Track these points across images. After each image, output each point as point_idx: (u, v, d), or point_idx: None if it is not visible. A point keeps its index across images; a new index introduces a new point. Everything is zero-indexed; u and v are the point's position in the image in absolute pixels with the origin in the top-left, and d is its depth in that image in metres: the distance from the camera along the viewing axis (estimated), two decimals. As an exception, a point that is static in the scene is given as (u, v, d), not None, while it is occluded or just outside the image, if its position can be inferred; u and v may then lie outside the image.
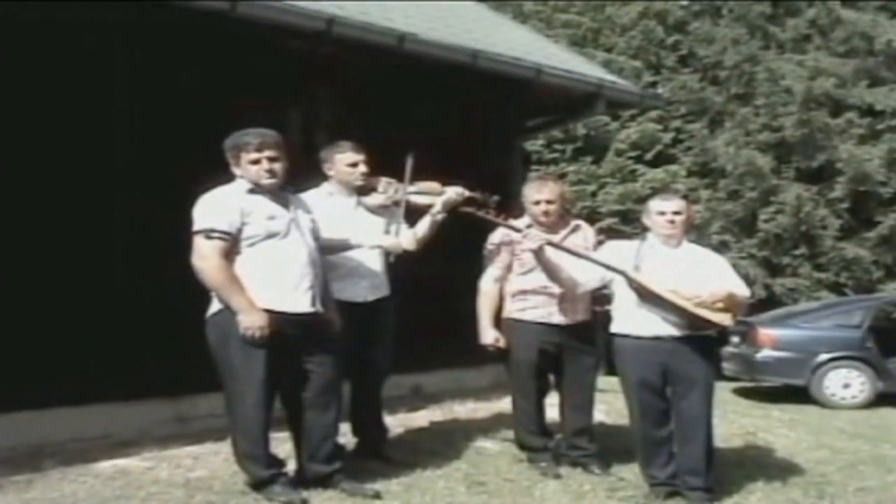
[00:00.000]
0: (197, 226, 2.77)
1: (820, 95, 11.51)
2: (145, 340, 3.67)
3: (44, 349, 3.43)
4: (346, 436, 3.31)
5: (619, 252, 3.22)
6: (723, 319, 3.06)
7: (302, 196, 3.06)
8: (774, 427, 4.98)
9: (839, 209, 11.41)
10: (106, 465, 3.18)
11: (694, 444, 3.09)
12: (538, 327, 3.38)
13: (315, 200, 3.15)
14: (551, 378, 3.56)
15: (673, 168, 11.67)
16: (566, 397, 3.49)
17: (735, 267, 3.51)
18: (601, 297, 3.38)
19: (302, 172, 3.19)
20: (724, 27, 12.24)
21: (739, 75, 11.98)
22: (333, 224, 3.13)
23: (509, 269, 3.46)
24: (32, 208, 3.47)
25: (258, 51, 4.07)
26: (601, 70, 6.40)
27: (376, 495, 2.90)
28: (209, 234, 2.75)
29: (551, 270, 3.18)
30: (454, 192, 3.33)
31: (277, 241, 2.81)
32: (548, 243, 3.11)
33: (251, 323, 2.72)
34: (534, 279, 3.36)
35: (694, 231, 3.41)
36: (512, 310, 3.45)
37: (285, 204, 2.89)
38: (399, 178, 3.32)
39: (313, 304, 2.86)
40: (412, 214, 3.34)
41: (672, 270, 3.10)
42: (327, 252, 3.06)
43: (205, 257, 2.74)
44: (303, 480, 2.90)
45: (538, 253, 3.10)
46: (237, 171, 2.87)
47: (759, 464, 3.79)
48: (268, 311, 2.74)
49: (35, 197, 3.48)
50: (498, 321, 3.45)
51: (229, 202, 2.80)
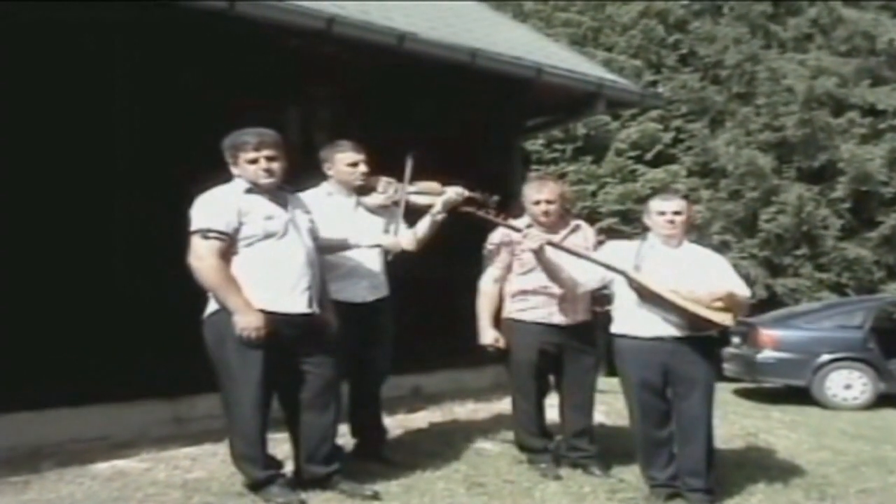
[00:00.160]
0: (194, 226, 2.76)
1: (821, 95, 11.48)
2: (143, 341, 3.66)
3: (42, 350, 3.42)
4: (345, 437, 3.30)
5: (620, 252, 3.21)
6: (723, 320, 3.05)
7: (301, 196, 3.04)
8: (775, 428, 4.97)
9: (841, 209, 11.38)
10: (104, 467, 3.17)
11: (694, 446, 3.08)
12: (538, 328, 3.37)
13: (314, 200, 3.13)
14: (551, 379, 3.55)
15: (673, 168, 11.64)
16: (566, 398, 3.48)
17: (736, 267, 3.50)
18: (601, 298, 3.36)
19: (301, 172, 3.17)
20: (725, 26, 12.21)
21: (740, 75, 11.95)
22: (333, 224, 3.12)
23: (509, 270, 3.45)
24: (32, 208, 3.46)
25: (257, 50, 4.05)
26: (601, 69, 6.38)
27: (375, 496, 2.89)
28: (206, 234, 2.73)
29: (551, 271, 3.16)
30: (454, 192, 3.31)
31: (275, 242, 2.80)
32: (548, 243, 3.09)
33: (247, 324, 2.70)
34: (534, 279, 3.35)
35: (695, 231, 3.39)
36: (512, 310, 3.44)
37: (283, 204, 2.87)
38: (398, 178, 3.31)
39: (311, 305, 2.84)
40: (412, 214, 3.32)
41: (672, 270, 3.08)
42: (326, 252, 3.05)
43: (201, 257, 2.73)
44: (301, 482, 2.89)
45: (538, 253, 3.09)
46: (235, 171, 2.86)
47: (760, 465, 3.79)
48: (265, 312, 2.73)
49: (35, 197, 3.47)
50: (498, 321, 3.44)
51: (226, 202, 2.78)
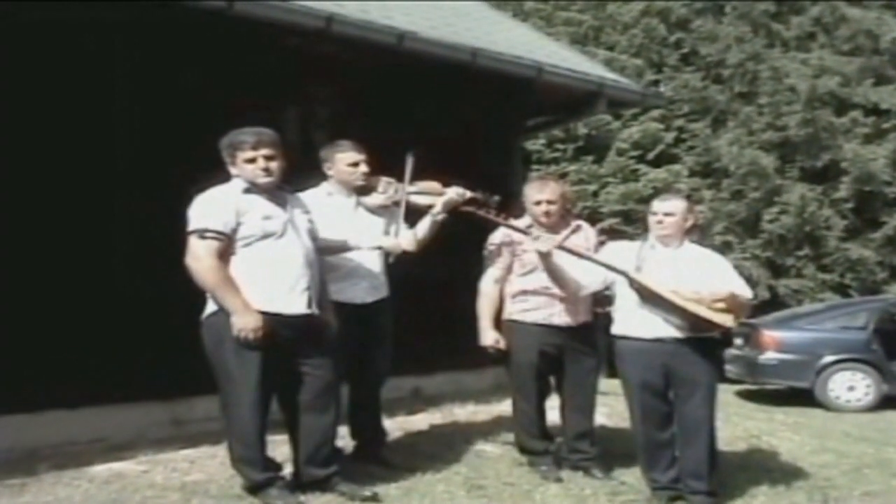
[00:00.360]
0: (191, 226, 2.74)
1: (824, 94, 11.44)
2: (141, 342, 3.65)
3: (39, 351, 3.41)
4: (345, 439, 3.29)
5: (621, 253, 3.19)
6: (725, 321, 3.03)
7: (300, 196, 3.03)
8: (778, 430, 4.96)
9: (844, 209, 11.34)
10: (101, 469, 3.15)
11: (696, 447, 3.06)
12: (539, 329, 3.35)
13: (314, 200, 3.12)
14: (552, 380, 3.53)
15: (675, 168, 11.60)
16: (567, 400, 3.46)
17: (738, 268, 3.47)
18: (602, 299, 3.34)
19: (300, 172, 3.15)
20: (728, 25, 12.17)
21: (743, 74, 11.91)
22: (333, 224, 3.11)
23: (510, 270, 3.43)
24: (31, 208, 3.45)
25: (257, 49, 4.04)
26: (602, 68, 6.36)
27: (375, 499, 2.88)
28: (203, 234, 2.72)
29: (556, 274, 3.13)
30: (455, 193, 3.29)
31: (273, 242, 2.78)
32: (557, 246, 3.05)
33: (245, 324, 2.68)
34: (535, 280, 3.33)
35: (697, 232, 3.35)
36: (512, 311, 3.41)
37: (282, 203, 2.86)
38: (399, 178, 3.29)
39: (310, 306, 2.82)
40: (412, 214, 3.31)
41: (673, 271, 3.06)
42: (326, 253, 3.03)
43: (199, 258, 2.71)
44: (300, 484, 2.87)
45: (546, 256, 3.05)
46: (233, 171, 2.84)
47: (763, 467, 3.77)
48: (263, 313, 2.71)
49: (34, 197, 3.45)
50: (498, 323, 3.42)
51: (224, 202, 2.77)
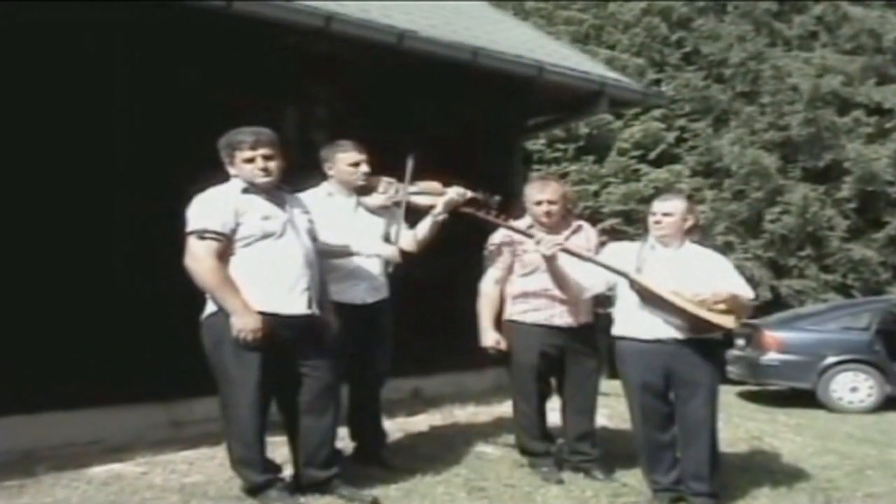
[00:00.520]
0: (190, 226, 2.73)
1: (827, 94, 11.41)
2: (140, 343, 3.64)
3: (37, 352, 3.40)
4: (344, 440, 3.28)
5: (621, 254, 3.17)
6: (726, 321, 3.01)
7: (300, 196, 3.01)
8: (780, 431, 4.95)
9: (846, 209, 11.32)
10: (99, 471, 3.14)
11: (697, 449, 3.05)
12: (540, 330, 3.34)
13: (314, 201, 3.11)
14: (553, 381, 3.51)
15: (677, 168, 11.57)
16: (568, 401, 3.45)
17: (740, 268, 3.45)
18: (603, 300, 3.32)
19: (299, 172, 3.14)
20: (730, 24, 12.14)
21: (745, 73, 11.88)
22: (333, 225, 3.10)
23: (510, 271, 3.41)
24: (30, 209, 3.44)
25: (255, 49, 4.03)
26: (604, 68, 6.35)
27: (375, 501, 2.87)
28: (202, 235, 2.70)
29: (560, 276, 3.12)
30: (455, 193, 3.27)
31: (273, 242, 2.77)
32: (561, 249, 3.03)
33: (244, 325, 2.67)
34: (535, 281, 3.31)
35: (699, 232, 3.33)
36: (513, 312, 3.40)
37: (281, 204, 2.84)
38: (398, 178, 3.27)
39: (310, 306, 2.81)
40: (412, 214, 3.29)
41: (673, 272, 3.05)
42: (326, 257, 3.02)
43: (198, 258, 2.70)
44: (300, 486, 2.86)
45: (551, 259, 3.03)
46: (232, 171, 2.83)
47: (765, 469, 3.76)
48: (263, 314, 2.70)
49: (34, 197, 3.44)
50: (499, 323, 3.41)
51: (223, 202, 2.75)
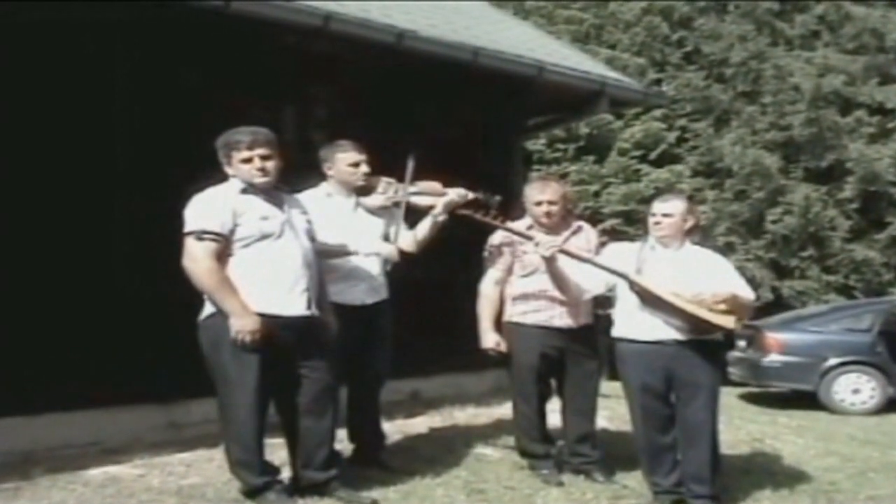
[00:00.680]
0: (188, 227, 2.72)
1: (829, 93, 11.40)
2: (138, 344, 3.62)
3: (34, 353, 3.38)
4: (343, 442, 3.26)
5: (621, 254, 3.16)
6: (726, 322, 2.99)
7: (299, 196, 3.00)
8: (782, 433, 4.92)
9: (848, 210, 11.31)
10: (96, 473, 3.13)
11: (698, 451, 3.03)
12: (540, 331, 3.32)
13: (313, 201, 3.09)
14: (553, 383, 3.50)
15: (678, 168, 11.56)
16: (568, 403, 3.43)
17: (741, 269, 3.43)
18: (603, 301, 3.31)
19: (298, 172, 3.13)
20: (731, 23, 12.13)
21: (746, 73, 11.87)
22: (332, 225, 3.08)
23: (510, 272, 3.40)
24: (30, 209, 3.43)
25: (254, 48, 4.02)
26: (604, 67, 6.34)
27: (373, 503, 2.85)
28: (200, 236, 2.69)
29: (560, 278, 3.11)
30: (457, 194, 3.25)
31: (271, 243, 2.75)
32: (560, 250, 3.01)
33: (242, 327, 2.66)
34: (535, 282, 3.30)
35: (700, 232, 3.31)
36: (513, 313, 3.38)
37: (279, 204, 2.83)
38: (398, 178, 3.26)
39: (309, 307, 2.80)
40: (412, 214, 3.28)
41: (673, 272, 3.03)
42: (324, 256, 3.01)
43: (196, 259, 2.69)
44: (298, 488, 2.84)
45: (550, 261, 3.02)
46: (229, 171, 2.82)
47: (767, 471, 3.75)
48: (261, 315, 2.68)
49: (33, 197, 3.43)
50: (499, 325, 3.39)
51: (221, 202, 2.74)
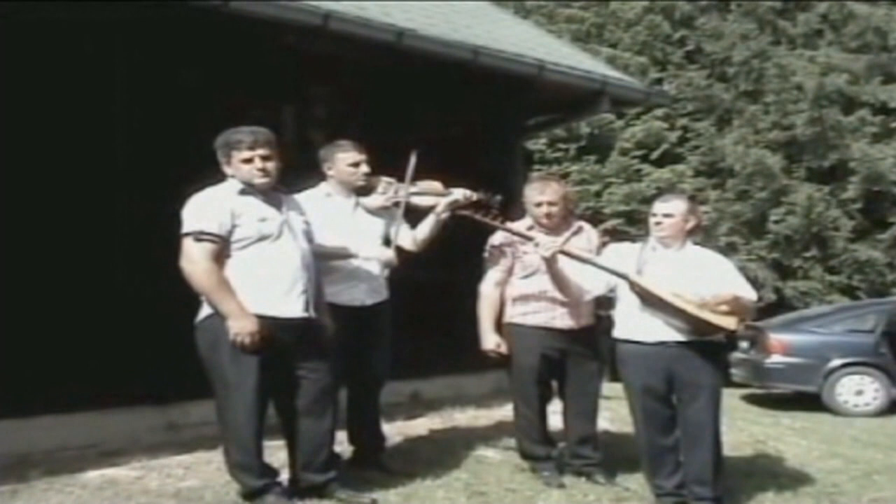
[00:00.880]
0: (186, 228, 2.71)
1: (832, 92, 11.38)
2: (135, 346, 3.61)
3: (31, 355, 3.37)
4: (343, 444, 3.25)
5: (622, 255, 3.14)
6: (728, 324, 2.97)
7: (298, 197, 2.99)
8: (785, 435, 4.92)
9: (852, 210, 11.29)
10: (94, 475, 3.12)
11: (700, 453, 3.01)
12: (540, 332, 3.30)
13: (312, 202, 3.08)
14: (554, 384, 3.48)
15: (679, 168, 11.55)
16: (569, 404, 3.42)
17: (744, 269, 3.41)
18: (604, 302, 3.29)
19: (297, 172, 3.11)
20: (733, 22, 12.12)
21: (748, 72, 11.85)
22: (331, 226, 3.07)
23: (510, 273, 3.38)
24: (29, 209, 3.41)
25: (253, 47, 4.00)
26: (605, 66, 6.32)
27: (373, 503, 2.83)
28: (198, 237, 2.68)
29: (560, 279, 3.09)
30: (462, 195, 3.24)
31: (269, 244, 2.74)
32: (560, 251, 2.99)
33: (241, 328, 2.64)
34: (536, 283, 3.28)
35: (701, 233, 3.29)
36: (513, 314, 3.37)
37: (277, 205, 2.81)
38: (397, 178, 3.25)
39: (306, 309, 2.78)
40: (413, 214, 3.26)
41: (674, 273, 3.01)
42: (323, 258, 2.99)
43: (194, 260, 2.67)
44: (297, 490, 2.83)
45: (551, 262, 3.00)
46: (228, 171, 2.80)
47: (770, 473, 3.74)
48: (259, 316, 2.67)
49: (33, 197, 3.42)
50: (499, 326, 3.37)
51: (220, 203, 2.73)
